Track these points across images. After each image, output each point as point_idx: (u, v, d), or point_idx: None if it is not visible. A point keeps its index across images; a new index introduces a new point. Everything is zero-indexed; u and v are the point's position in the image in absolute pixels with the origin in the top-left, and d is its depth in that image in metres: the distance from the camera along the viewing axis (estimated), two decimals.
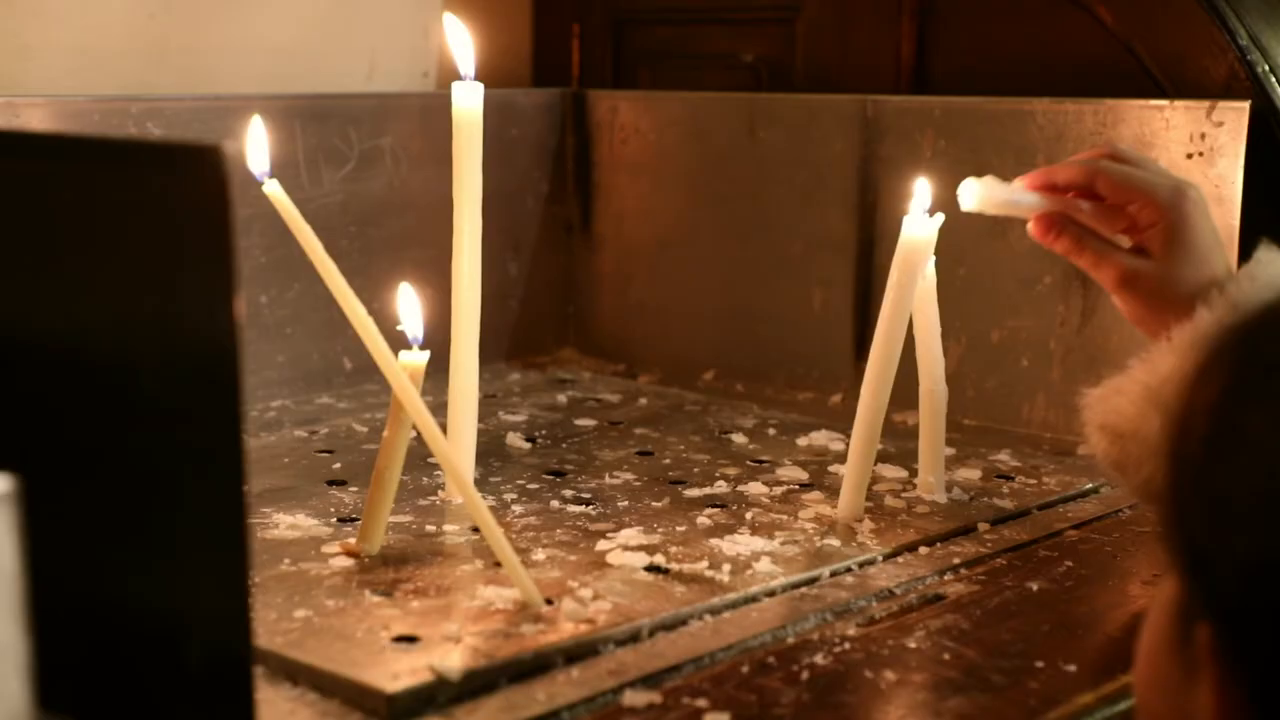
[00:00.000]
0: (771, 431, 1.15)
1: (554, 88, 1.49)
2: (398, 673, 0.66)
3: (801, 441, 1.12)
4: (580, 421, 1.18)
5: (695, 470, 1.04)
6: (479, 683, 0.67)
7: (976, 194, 0.87)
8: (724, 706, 0.66)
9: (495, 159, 1.40)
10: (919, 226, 0.88)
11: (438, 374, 0.94)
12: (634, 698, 0.67)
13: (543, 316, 1.48)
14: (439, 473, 1.00)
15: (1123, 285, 0.87)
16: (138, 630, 0.55)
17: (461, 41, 0.96)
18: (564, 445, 1.10)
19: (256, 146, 0.80)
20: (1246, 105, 1.06)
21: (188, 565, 0.54)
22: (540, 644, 0.70)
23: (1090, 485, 1.02)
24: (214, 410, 0.52)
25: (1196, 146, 1.08)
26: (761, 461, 1.06)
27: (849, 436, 1.12)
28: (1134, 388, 0.83)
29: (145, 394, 0.53)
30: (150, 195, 0.52)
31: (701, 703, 0.67)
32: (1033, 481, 1.03)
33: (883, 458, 1.01)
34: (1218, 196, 1.07)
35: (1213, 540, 0.44)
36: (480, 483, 0.98)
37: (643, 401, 1.26)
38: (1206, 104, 1.08)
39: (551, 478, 1.01)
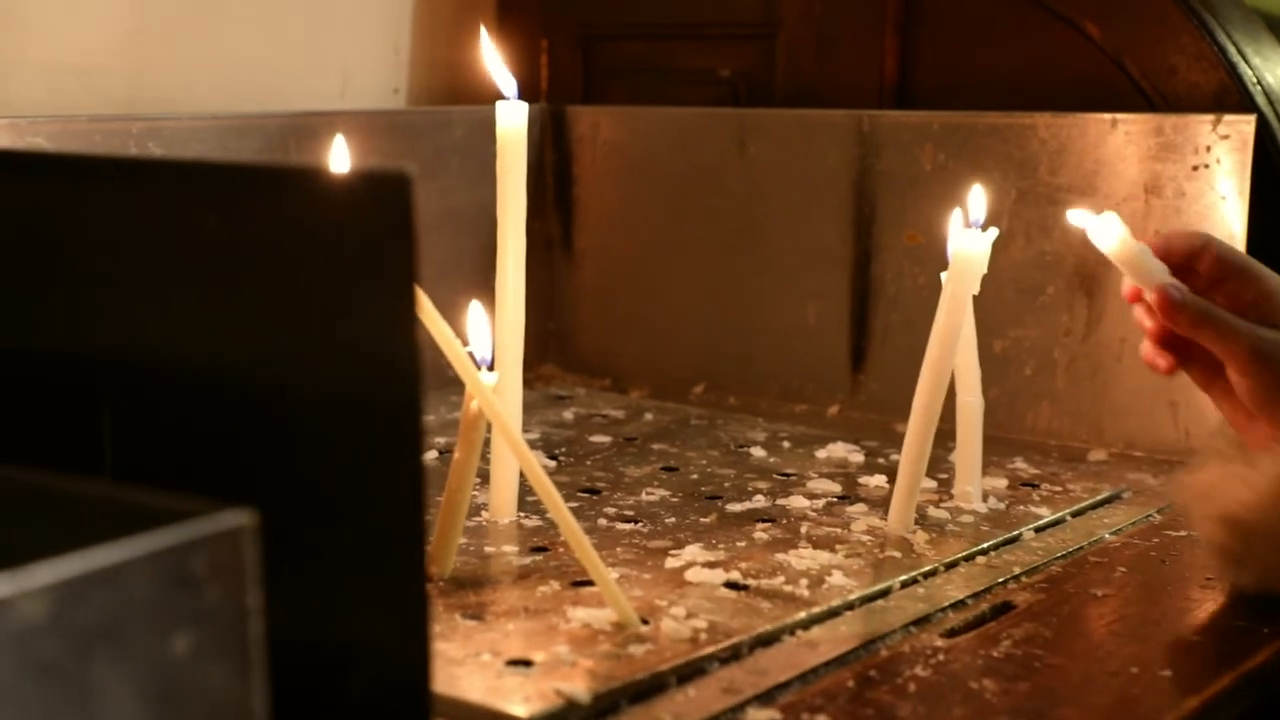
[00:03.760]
0: (786, 444, 1.16)
1: (528, 104, 1.49)
2: (527, 696, 0.66)
3: (820, 454, 1.13)
4: (595, 438, 1.17)
5: (727, 485, 1.04)
6: (603, 705, 0.67)
7: (1118, 235, 0.84)
8: None
9: (474, 176, 1.40)
10: (972, 240, 0.89)
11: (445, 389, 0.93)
12: (756, 715, 0.67)
13: (524, 332, 1.47)
14: (474, 493, 0.99)
15: (1253, 360, 0.82)
16: (310, 665, 0.54)
17: (497, 63, 0.95)
18: (588, 463, 1.10)
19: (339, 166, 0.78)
20: (1253, 119, 1.09)
21: (368, 597, 0.53)
22: (653, 664, 0.70)
23: (1112, 491, 1.04)
24: (395, 437, 0.52)
25: (1202, 159, 1.11)
26: (788, 475, 1.07)
27: (865, 448, 1.14)
28: (1263, 479, 0.80)
29: (324, 421, 0.52)
30: (335, 222, 0.51)
31: (822, 719, 0.67)
32: (1058, 488, 1.05)
33: None
34: (1224, 209, 1.10)
35: None
36: (519, 503, 0.98)
37: (648, 417, 1.26)
38: (1211, 118, 1.11)
39: (588, 495, 1.01)
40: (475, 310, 0.85)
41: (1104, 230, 0.85)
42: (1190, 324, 0.83)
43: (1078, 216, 0.87)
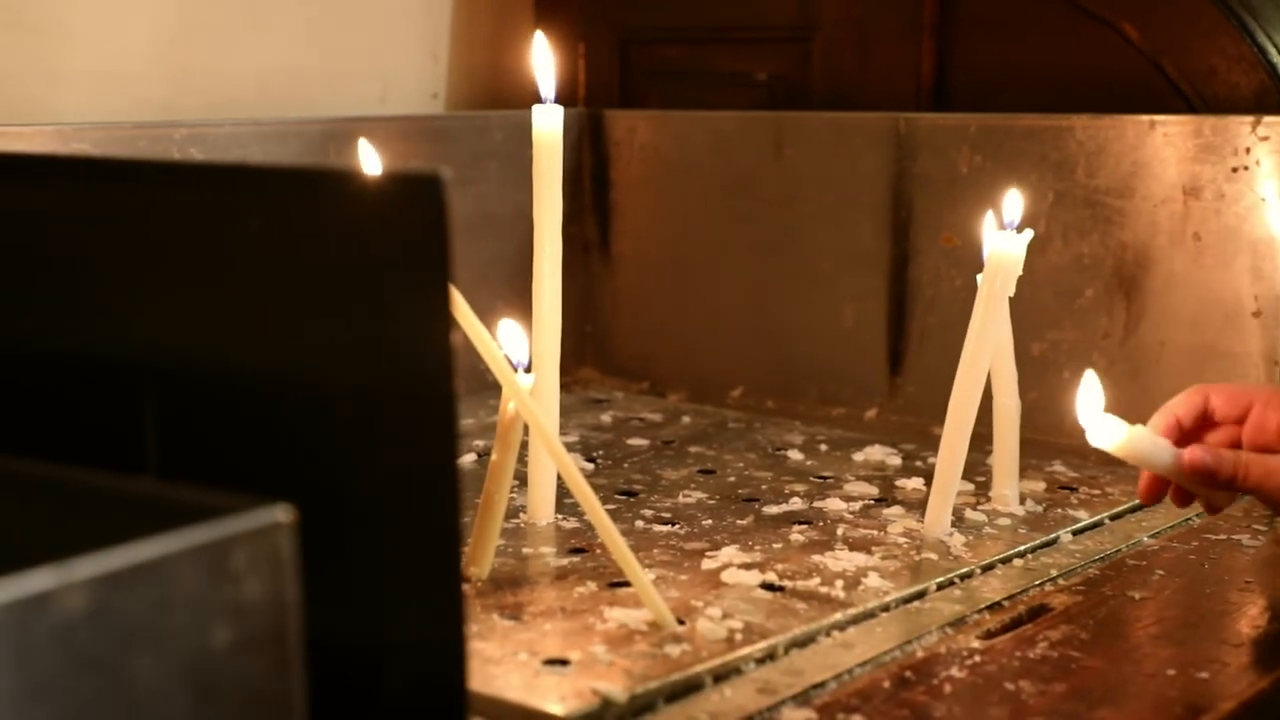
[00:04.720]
0: (824, 447, 1.16)
1: (566, 108, 1.49)
2: (563, 695, 0.66)
3: (857, 457, 1.13)
4: (632, 441, 1.18)
5: (764, 487, 1.04)
6: (640, 704, 0.67)
7: (1121, 430, 0.83)
8: None
9: (512, 180, 1.40)
10: (1007, 242, 0.89)
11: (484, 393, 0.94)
12: (792, 715, 0.67)
13: (561, 336, 1.47)
14: (512, 495, 0.99)
15: None
16: (347, 663, 0.55)
17: (544, 63, 0.96)
18: (626, 465, 1.11)
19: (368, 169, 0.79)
20: None
21: (405, 596, 0.53)
22: (689, 664, 0.70)
23: None
24: (431, 436, 0.52)
25: (1241, 161, 1.10)
26: (825, 478, 1.07)
27: (902, 451, 1.14)
28: None
29: (361, 421, 0.53)
30: (373, 224, 0.51)
31: (857, 719, 0.67)
32: (1096, 492, 1.04)
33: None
34: (1264, 211, 1.09)
35: None
36: (556, 505, 0.98)
37: (686, 420, 1.26)
38: (1251, 119, 1.10)
39: (625, 498, 1.02)
40: (507, 323, 0.86)
41: (1105, 430, 0.83)
42: (1228, 478, 0.83)
43: (1084, 415, 0.85)
